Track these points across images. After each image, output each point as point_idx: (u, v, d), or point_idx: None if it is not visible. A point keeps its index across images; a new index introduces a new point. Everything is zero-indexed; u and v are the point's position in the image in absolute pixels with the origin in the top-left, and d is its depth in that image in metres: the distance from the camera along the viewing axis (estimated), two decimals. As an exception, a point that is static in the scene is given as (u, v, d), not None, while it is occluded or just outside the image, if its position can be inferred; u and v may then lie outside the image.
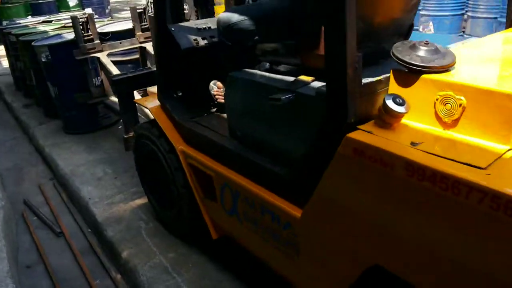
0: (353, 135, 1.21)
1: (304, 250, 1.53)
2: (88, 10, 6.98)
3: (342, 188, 1.29)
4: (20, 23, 5.43)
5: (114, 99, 3.75)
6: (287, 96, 1.41)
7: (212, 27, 2.13)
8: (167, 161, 2.19)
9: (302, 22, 1.48)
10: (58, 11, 8.47)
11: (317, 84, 1.45)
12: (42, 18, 5.64)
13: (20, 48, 4.45)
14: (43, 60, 3.73)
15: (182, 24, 2.15)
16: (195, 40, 2.04)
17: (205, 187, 2.10)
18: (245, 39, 1.69)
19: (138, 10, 3.79)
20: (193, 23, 2.17)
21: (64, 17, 5.69)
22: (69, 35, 4.00)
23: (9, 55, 5.19)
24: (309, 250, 1.51)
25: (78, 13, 4.05)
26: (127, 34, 3.93)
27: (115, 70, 3.50)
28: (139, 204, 2.73)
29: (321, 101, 1.34)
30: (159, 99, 2.25)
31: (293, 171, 1.50)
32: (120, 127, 4.09)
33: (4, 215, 2.70)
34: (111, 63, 3.58)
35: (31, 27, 4.98)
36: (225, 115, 2.12)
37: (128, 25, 4.05)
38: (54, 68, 3.76)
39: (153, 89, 2.65)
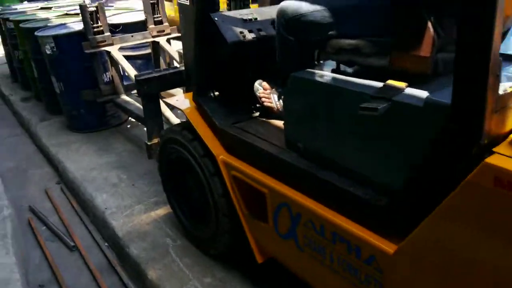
0: (494, 160, 0.94)
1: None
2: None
3: (468, 226, 1.02)
4: (17, 9, 5.04)
5: (125, 97, 3.46)
6: (383, 106, 1.13)
7: (259, 18, 1.83)
8: (203, 170, 1.91)
9: (402, 16, 1.20)
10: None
11: (414, 91, 1.18)
12: (40, 4, 5.27)
13: (20, 37, 4.09)
14: (48, 52, 3.40)
15: (225, 13, 1.85)
16: (241, 33, 1.75)
17: (252, 204, 1.83)
18: (316, 34, 1.40)
19: (151, 1, 3.47)
20: (237, 12, 1.86)
21: (64, 3, 5.32)
22: (75, 24, 3.68)
23: (5, 43, 4.82)
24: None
25: (86, 1, 3.70)
26: (137, 27, 3.63)
27: (128, 66, 3.20)
28: (162, 217, 2.44)
29: (432, 114, 1.08)
30: (194, 100, 1.96)
31: (389, 198, 1.23)
32: (129, 126, 3.80)
33: (12, 226, 2.40)
34: (124, 59, 3.27)
35: (29, 13, 4.61)
36: (273, 121, 1.86)
37: (139, 16, 3.73)
38: (59, 61, 3.43)
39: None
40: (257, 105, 1.95)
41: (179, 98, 2.18)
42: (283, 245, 1.68)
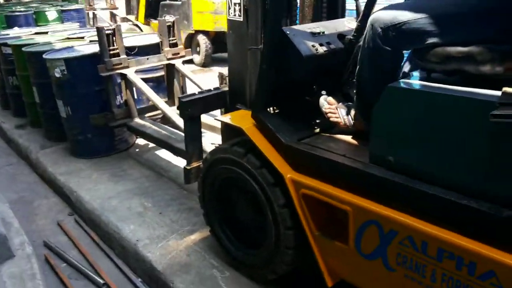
0: None
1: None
2: (72, 25, 6.47)
3: None
4: (9, 34, 4.82)
5: (139, 120, 3.32)
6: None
7: (326, 32, 1.80)
8: (266, 191, 1.80)
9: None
10: (36, 24, 7.82)
11: None
12: (33, 30, 5.07)
13: (20, 61, 3.89)
14: (57, 75, 3.23)
15: (296, 27, 1.80)
16: (313, 46, 1.70)
17: (325, 223, 1.73)
18: (419, 42, 1.37)
19: (167, 23, 3.42)
20: (305, 26, 1.82)
21: (58, 29, 5.16)
22: (83, 47, 3.55)
23: (-3, 69, 4.55)
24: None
25: (104, 25, 3.60)
26: (152, 49, 3.55)
27: (147, 89, 3.11)
28: (202, 247, 2.28)
29: None
30: (254, 117, 1.87)
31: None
32: (137, 150, 3.64)
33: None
34: (141, 81, 3.16)
35: (25, 38, 4.42)
36: (342, 136, 1.79)
37: (154, 39, 3.66)
38: (69, 84, 3.27)
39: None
40: (317, 121, 1.89)
41: (231, 115, 2.09)
42: (365, 266, 1.58)
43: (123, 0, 8.54)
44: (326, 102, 1.83)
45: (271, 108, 1.91)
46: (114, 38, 3.15)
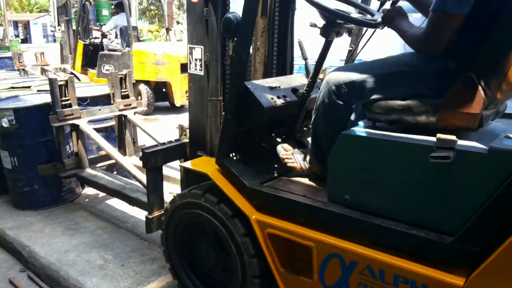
0: None
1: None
2: (10, 73, 6.27)
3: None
4: None
5: (90, 171, 3.31)
6: (452, 154, 1.34)
7: (282, 86, 2.01)
8: (226, 224, 1.92)
9: (449, 78, 1.46)
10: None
11: (470, 142, 1.41)
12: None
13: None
14: (4, 125, 3.16)
15: (255, 82, 2.00)
16: (272, 99, 1.90)
17: (289, 260, 1.87)
18: (366, 97, 1.61)
19: (119, 76, 3.55)
20: (263, 81, 2.02)
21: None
22: (30, 97, 3.51)
23: None
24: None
25: (55, 76, 3.61)
26: (102, 99, 3.62)
27: (101, 140, 3.17)
28: None
29: (498, 160, 1.29)
30: (218, 163, 2.00)
31: (454, 238, 1.38)
32: (87, 200, 3.58)
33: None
34: (95, 132, 3.19)
35: (-37, 88, 4.25)
36: (299, 178, 1.97)
37: (105, 89, 3.72)
38: (17, 135, 3.20)
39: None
40: (276, 165, 2.06)
41: (194, 162, 2.20)
42: (330, 298, 1.73)
43: (53, 55, 8.43)
44: (283, 149, 2.01)
45: (233, 155, 2.06)
46: (66, 89, 3.17)
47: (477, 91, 1.40)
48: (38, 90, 3.83)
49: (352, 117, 1.87)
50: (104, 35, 7.49)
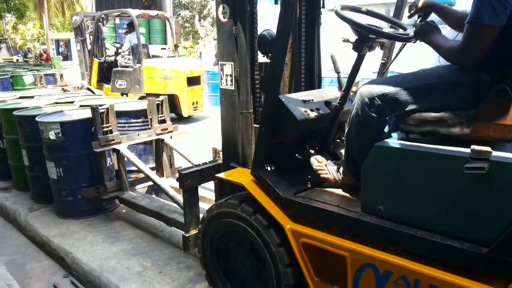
0: None
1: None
2: (53, 89, 6.63)
3: None
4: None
5: (130, 193, 3.50)
6: (487, 165, 1.35)
7: (315, 100, 2.07)
8: (261, 234, 1.97)
9: (482, 90, 1.47)
10: (12, 88, 7.95)
11: (501, 154, 1.42)
12: (17, 94, 5.18)
13: (8, 125, 4.00)
14: (52, 137, 3.36)
15: (289, 95, 2.07)
16: (305, 111, 1.95)
17: (323, 269, 1.90)
18: (400, 109, 1.64)
19: (156, 102, 3.75)
20: (297, 95, 2.09)
21: (42, 93, 5.31)
22: (75, 112, 3.72)
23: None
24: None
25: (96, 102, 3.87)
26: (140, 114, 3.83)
27: (143, 166, 3.37)
28: None
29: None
30: (253, 174, 2.07)
31: (489, 248, 1.39)
32: (124, 210, 3.72)
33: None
34: (136, 157, 3.39)
35: (10, 102, 4.54)
36: (332, 189, 2.01)
37: (141, 105, 3.92)
38: (63, 147, 3.39)
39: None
40: (309, 176, 2.11)
41: (229, 173, 2.28)
42: (363, 307, 1.74)
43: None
44: (316, 161, 2.06)
45: (267, 166, 2.12)
46: (107, 116, 3.38)
47: (511, 103, 1.41)
48: (80, 105, 4.05)
49: (386, 129, 1.90)
50: (117, 53, 7.92)
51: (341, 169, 1.98)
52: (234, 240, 2.22)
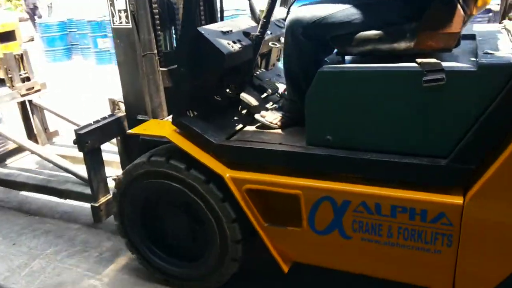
0: None
1: (464, 237, 1.43)
2: None
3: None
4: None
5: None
6: (443, 76, 1.31)
7: (234, 30, 1.80)
8: (204, 195, 1.76)
9: (417, 2, 1.41)
10: None
11: (451, 64, 1.38)
12: None
13: None
14: None
15: (206, 27, 1.75)
16: (229, 44, 1.69)
17: (272, 212, 1.76)
18: (337, 32, 1.51)
19: (15, 55, 3.05)
20: (213, 26, 1.79)
21: None
22: None
23: None
24: (472, 236, 1.42)
25: None
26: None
27: (5, 130, 2.72)
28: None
29: (488, 75, 1.28)
30: (177, 123, 1.78)
31: (448, 160, 1.39)
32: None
33: None
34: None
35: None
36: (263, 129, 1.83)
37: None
38: None
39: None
40: (235, 118, 1.90)
41: (143, 127, 1.93)
42: (321, 242, 1.67)
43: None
44: (262, 117, 1.83)
45: (189, 112, 1.84)
46: None
47: (456, 9, 1.38)
48: None
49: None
50: None
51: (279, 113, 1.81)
52: (164, 201, 1.94)
